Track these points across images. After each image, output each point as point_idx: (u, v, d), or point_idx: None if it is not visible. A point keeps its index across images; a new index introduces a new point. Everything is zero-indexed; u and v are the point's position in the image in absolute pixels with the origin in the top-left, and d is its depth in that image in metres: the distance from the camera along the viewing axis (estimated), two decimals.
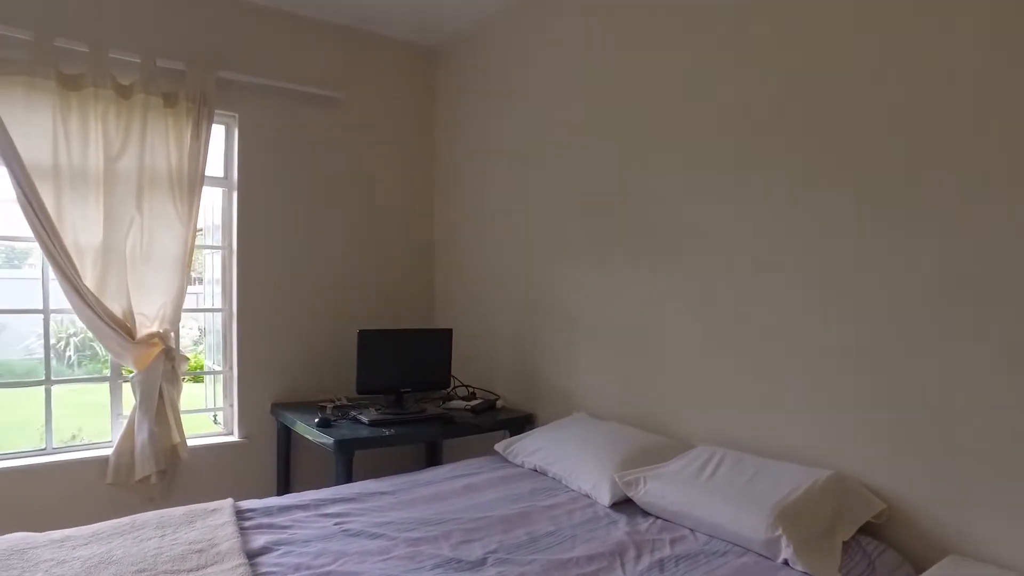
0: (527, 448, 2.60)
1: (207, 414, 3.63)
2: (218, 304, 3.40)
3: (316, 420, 2.80)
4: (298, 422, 2.91)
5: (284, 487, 3.25)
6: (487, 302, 3.45)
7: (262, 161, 3.32)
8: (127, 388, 3.02)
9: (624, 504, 2.11)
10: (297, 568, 1.62)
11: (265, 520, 1.95)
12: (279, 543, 1.77)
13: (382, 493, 2.24)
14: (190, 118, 3.05)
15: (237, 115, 3.27)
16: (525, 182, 3.21)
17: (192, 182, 3.06)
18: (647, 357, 2.60)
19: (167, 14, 3.06)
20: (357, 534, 1.85)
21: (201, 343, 5.91)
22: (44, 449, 2.95)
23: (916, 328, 1.80)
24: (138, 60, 2.92)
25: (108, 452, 2.91)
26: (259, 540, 1.78)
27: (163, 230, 3.01)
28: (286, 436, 3.27)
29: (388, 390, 3.07)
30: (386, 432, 2.73)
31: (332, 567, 1.63)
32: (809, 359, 2.05)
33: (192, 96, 3.04)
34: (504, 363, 3.35)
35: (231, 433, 3.32)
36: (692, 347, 2.43)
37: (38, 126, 2.75)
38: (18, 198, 2.72)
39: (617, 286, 2.72)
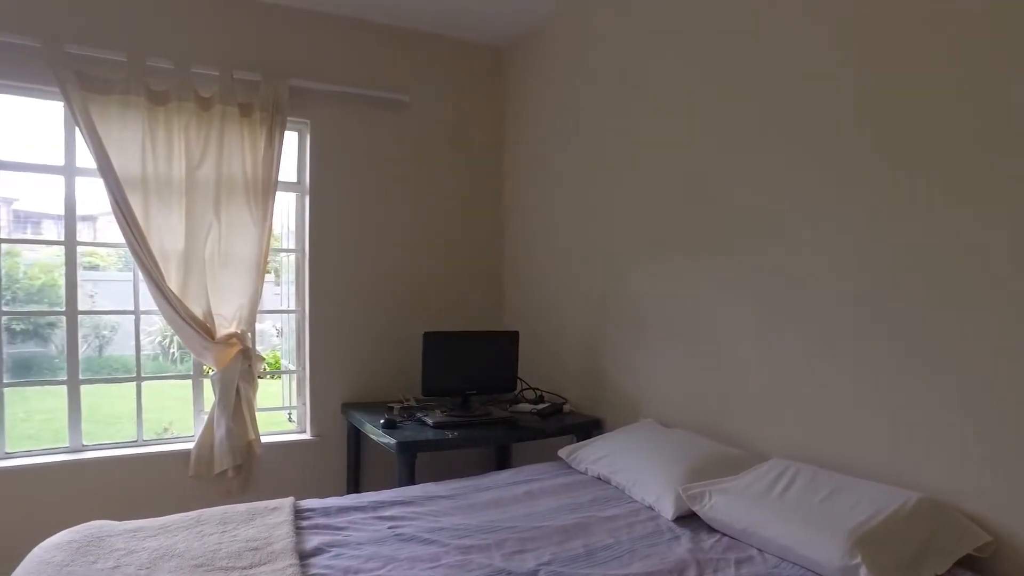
0: (591, 455, 2.52)
1: (283, 412, 3.75)
2: (293, 306, 3.50)
3: (381, 421, 2.83)
4: (365, 422, 2.95)
5: (354, 487, 3.31)
6: (555, 303, 3.39)
7: (332, 166, 3.40)
8: (208, 385, 3.16)
9: (689, 519, 1.99)
10: (346, 571, 1.62)
11: (322, 521, 1.97)
12: (332, 544, 1.78)
13: (441, 497, 2.22)
14: (264, 126, 3.15)
15: (309, 122, 3.36)
16: (596, 181, 3.12)
17: (266, 188, 3.17)
18: (719, 362, 2.46)
19: (243, 28, 3.18)
20: (409, 539, 1.83)
21: (279, 343, 6.17)
22: (136, 441, 3.14)
23: None
24: (217, 73, 3.05)
25: (191, 446, 3.06)
26: (313, 541, 1.80)
27: (239, 235, 3.13)
28: (356, 436, 3.33)
29: (454, 392, 3.06)
30: (449, 435, 2.72)
31: (380, 572, 1.62)
32: (902, 367, 1.86)
33: (266, 105, 3.15)
34: (572, 366, 3.28)
35: (304, 432, 3.41)
36: (768, 352, 2.27)
37: (130, 140, 2.92)
38: (112, 208, 2.90)
39: (690, 288, 2.60)
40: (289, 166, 3.41)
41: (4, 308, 3.03)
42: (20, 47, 2.73)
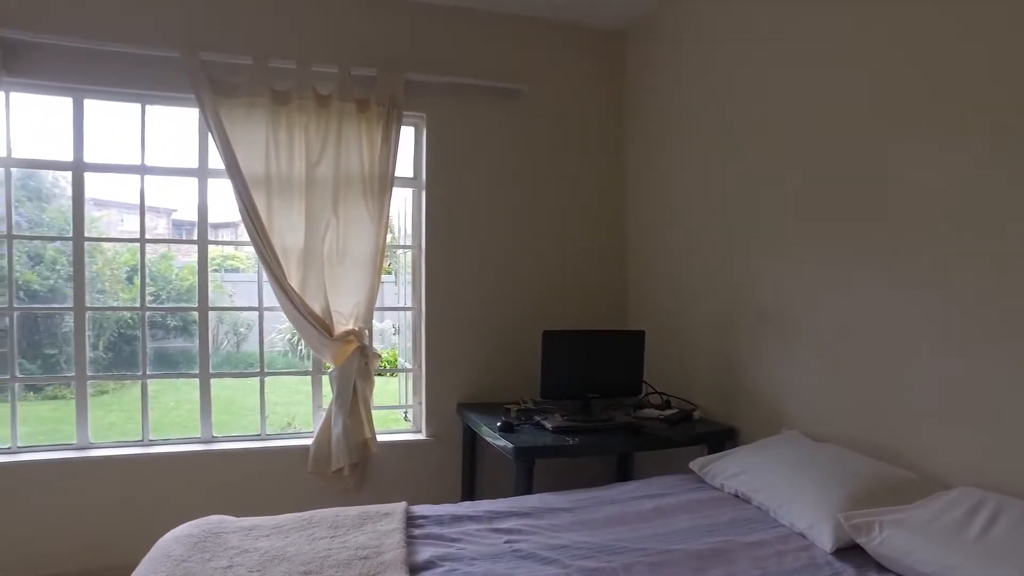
0: (728, 469, 2.24)
1: (399, 411, 3.72)
2: (410, 303, 3.46)
3: (498, 424, 2.69)
4: (481, 424, 2.83)
5: (469, 490, 3.21)
6: (683, 302, 3.12)
7: (448, 159, 3.33)
8: (327, 382, 3.17)
9: (851, 552, 1.68)
10: None
11: (435, 530, 1.85)
12: (444, 558, 1.65)
13: (561, 509, 2.05)
14: (380, 121, 3.12)
15: (425, 115, 3.31)
16: (727, 169, 2.83)
17: (383, 184, 3.13)
18: (880, 367, 2.11)
19: (360, 24, 3.17)
20: (527, 556, 1.67)
21: (397, 340, 6.26)
22: (259, 435, 3.21)
23: None
24: (335, 71, 3.05)
25: (310, 442, 3.08)
26: (425, 553, 1.67)
27: (356, 231, 3.11)
28: (471, 437, 3.23)
29: (574, 395, 2.88)
30: (569, 441, 2.54)
31: None
32: None
33: (382, 100, 3.12)
34: (702, 369, 2.99)
35: (419, 431, 3.36)
36: (943, 356, 1.91)
37: (255, 141, 2.98)
38: (239, 208, 2.97)
39: (842, 283, 2.25)
40: (406, 161, 3.38)
41: (149, 305, 3.18)
42: (162, 59, 2.86)
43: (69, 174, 2.95)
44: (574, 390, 2.87)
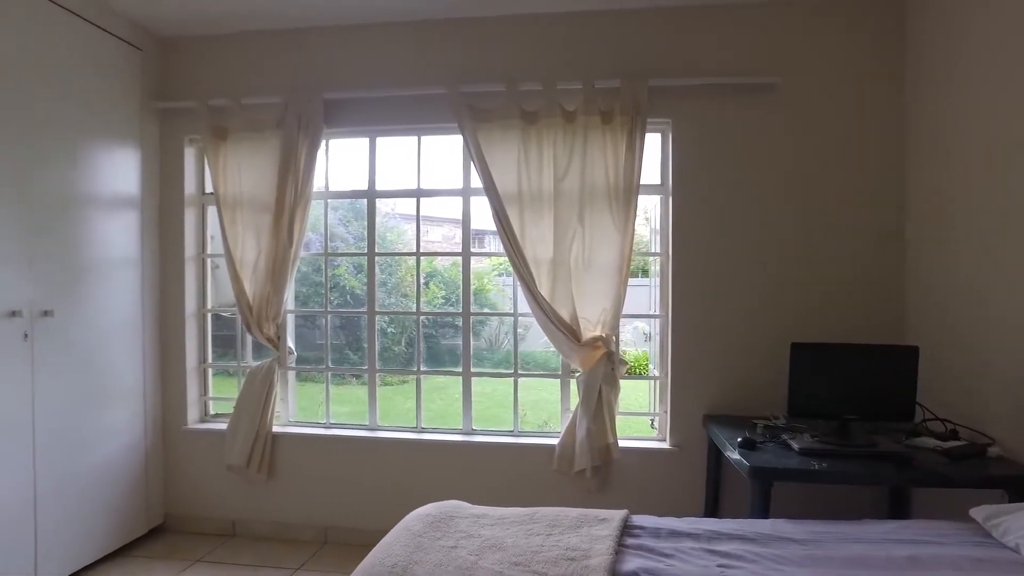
0: None
1: (647, 418, 3.72)
2: (658, 310, 3.44)
3: (739, 439, 2.55)
4: (723, 438, 2.70)
5: (712, 506, 3.08)
6: (976, 313, 2.59)
7: (695, 164, 3.24)
8: (574, 385, 3.32)
9: None
10: None
11: (649, 542, 1.84)
12: (650, 571, 1.63)
13: (792, 540, 1.87)
14: (624, 130, 3.17)
15: (670, 120, 3.26)
16: None
17: (627, 193, 3.17)
18: None
19: (601, 40, 3.26)
20: None
21: (648, 347, 6.20)
22: (512, 431, 3.49)
23: None
24: (579, 86, 3.19)
25: (556, 442, 3.25)
26: (632, 563, 1.68)
27: (601, 240, 3.20)
28: (717, 451, 3.09)
29: (828, 415, 2.59)
30: (815, 465, 2.30)
31: None
32: None
33: (626, 109, 3.16)
34: (1002, 397, 2.44)
35: (664, 440, 3.32)
36: None
37: (508, 159, 3.26)
38: (495, 222, 3.28)
39: None
40: (653, 168, 3.37)
41: (423, 309, 3.68)
42: (432, 96, 3.33)
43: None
44: (828, 409, 2.57)
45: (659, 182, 3.38)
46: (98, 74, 3.18)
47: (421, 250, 3.71)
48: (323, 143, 3.48)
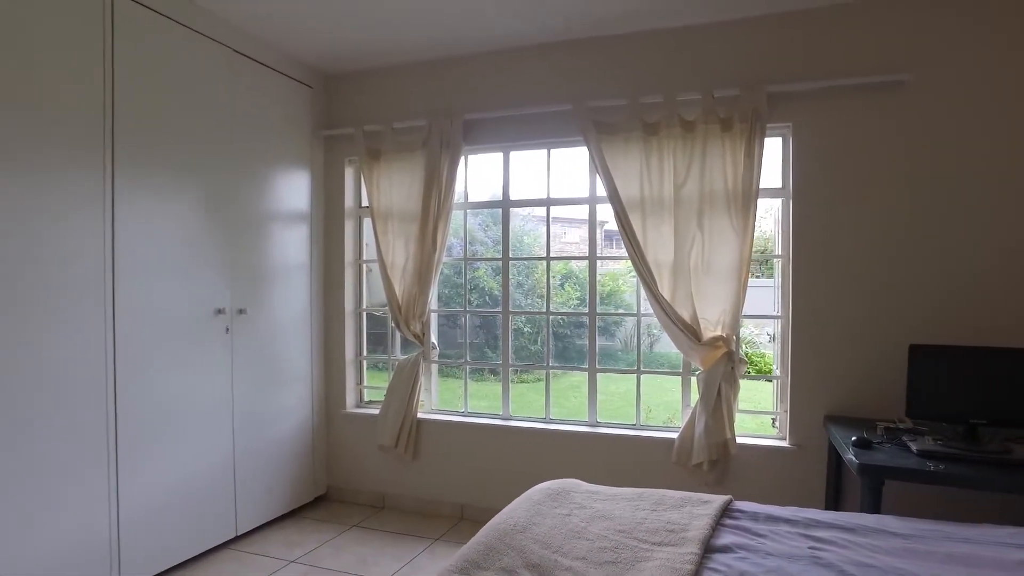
0: None
1: (767, 417, 3.75)
2: (780, 311, 3.49)
3: (853, 438, 2.59)
4: (839, 437, 2.74)
5: (832, 506, 3.09)
6: None
7: (816, 167, 3.26)
8: (695, 383, 3.45)
9: None
10: (742, 574, 1.64)
11: (747, 523, 1.99)
12: (742, 547, 1.80)
13: (894, 533, 1.94)
14: (743, 138, 3.27)
15: (791, 124, 3.31)
16: None
17: (746, 198, 3.27)
18: None
19: (719, 49, 3.37)
20: (825, 565, 1.69)
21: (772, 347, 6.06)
22: (635, 424, 3.69)
23: None
24: (699, 96, 3.33)
25: (675, 436, 3.41)
26: (726, 538, 1.85)
27: (720, 244, 3.31)
28: (837, 452, 3.09)
29: (953, 419, 2.56)
30: (930, 467, 2.30)
31: None
32: None
33: (745, 117, 3.25)
34: None
35: (783, 439, 3.36)
36: None
37: (631, 170, 3.47)
38: (618, 228, 3.51)
39: None
40: (774, 171, 3.43)
41: (553, 311, 3.98)
42: (559, 112, 3.63)
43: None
44: (951, 413, 2.55)
45: (780, 185, 3.43)
46: (278, 110, 3.79)
47: (556, 252, 4.02)
48: (462, 159, 3.88)
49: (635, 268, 3.49)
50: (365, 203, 4.25)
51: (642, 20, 3.41)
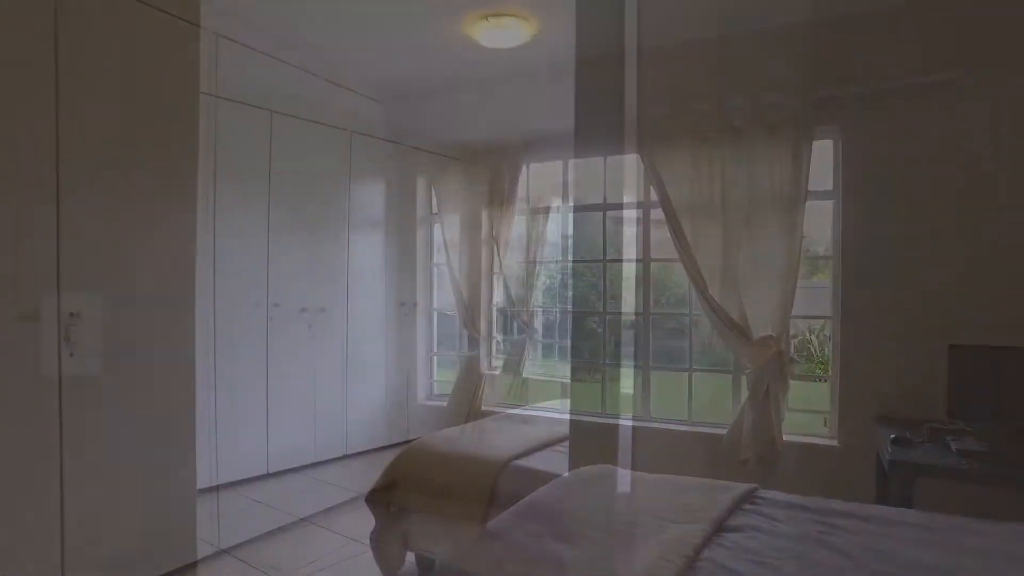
0: None
1: (820, 416, 3.78)
2: (830, 312, 3.53)
3: (892, 436, 2.65)
4: (883, 435, 2.79)
5: (882, 503, 3.12)
6: None
7: (866, 169, 3.28)
8: (745, 381, 3.55)
9: None
10: (746, 551, 1.79)
11: (767, 509, 2.12)
12: (753, 527, 1.94)
13: (911, 525, 2.01)
14: (790, 142, 3.34)
15: (841, 127, 3.35)
16: None
17: (794, 201, 3.34)
18: None
19: (769, 56, 3.44)
20: (830, 547, 1.81)
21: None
22: (686, 420, 3.82)
23: None
24: (747, 103, 3.43)
25: (724, 431, 3.52)
26: (741, 519, 2.00)
27: (768, 247, 3.40)
28: None
29: (994, 420, 2.57)
30: (964, 464, 2.34)
31: (774, 563, 1.71)
32: None
33: (791, 122, 3.33)
34: None
35: (833, 438, 3.41)
36: None
37: (679, 174, 3.62)
38: (669, 232, 3.66)
39: None
40: (826, 174, 3.48)
41: (608, 309, 4.17)
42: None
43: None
44: (994, 414, 2.56)
45: (831, 187, 3.47)
46: (354, 124, 4.17)
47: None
48: (523, 168, 4.14)
49: (686, 270, 3.62)
50: (435, 210, 4.58)
51: (688, 29, 3.53)
